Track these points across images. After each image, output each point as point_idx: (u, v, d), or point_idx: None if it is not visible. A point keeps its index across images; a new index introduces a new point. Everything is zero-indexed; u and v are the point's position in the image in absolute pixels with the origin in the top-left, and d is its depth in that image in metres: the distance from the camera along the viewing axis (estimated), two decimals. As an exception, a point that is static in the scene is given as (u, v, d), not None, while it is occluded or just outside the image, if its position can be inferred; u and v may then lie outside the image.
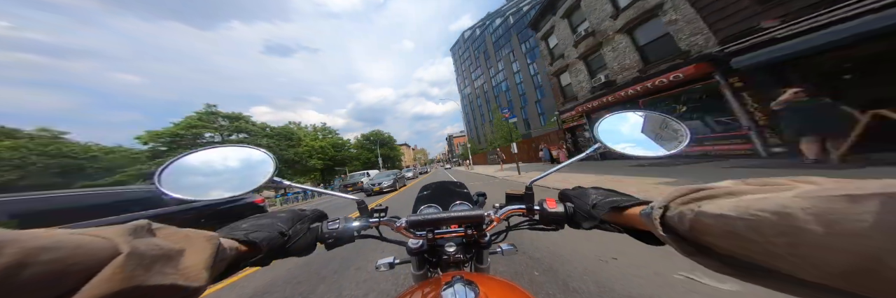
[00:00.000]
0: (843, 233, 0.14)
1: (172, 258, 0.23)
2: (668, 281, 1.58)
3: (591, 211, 0.43)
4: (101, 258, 0.18)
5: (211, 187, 0.49)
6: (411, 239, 0.62)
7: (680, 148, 0.53)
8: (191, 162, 0.50)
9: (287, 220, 0.45)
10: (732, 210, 0.20)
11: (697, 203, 0.23)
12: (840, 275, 0.15)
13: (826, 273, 0.15)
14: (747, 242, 0.19)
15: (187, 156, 0.50)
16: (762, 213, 0.18)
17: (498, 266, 2.01)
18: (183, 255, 0.24)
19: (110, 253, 0.19)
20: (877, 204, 0.14)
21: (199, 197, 0.47)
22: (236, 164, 0.53)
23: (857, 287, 0.14)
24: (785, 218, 0.17)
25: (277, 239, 0.40)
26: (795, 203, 0.17)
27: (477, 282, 0.43)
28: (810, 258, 0.16)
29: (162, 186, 0.44)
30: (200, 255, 0.26)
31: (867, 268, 0.13)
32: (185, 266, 0.24)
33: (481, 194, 0.86)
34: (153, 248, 0.22)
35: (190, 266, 0.24)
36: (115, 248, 0.19)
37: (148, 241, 0.22)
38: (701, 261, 0.24)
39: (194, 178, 0.49)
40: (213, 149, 0.53)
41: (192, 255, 0.25)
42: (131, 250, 0.20)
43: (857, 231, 0.14)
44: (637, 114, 0.60)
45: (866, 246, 0.13)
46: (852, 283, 0.14)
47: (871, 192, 0.14)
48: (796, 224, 0.16)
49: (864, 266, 0.13)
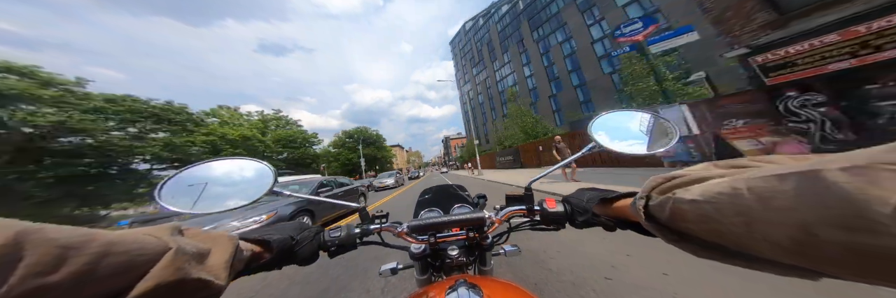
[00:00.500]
0: (778, 208, 0.16)
1: (204, 256, 0.26)
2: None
3: (585, 206, 0.45)
4: (156, 252, 0.22)
5: (212, 200, 0.48)
6: (414, 244, 0.61)
7: (670, 145, 0.54)
8: (192, 176, 0.50)
9: (294, 228, 0.46)
10: (701, 195, 0.21)
11: (673, 191, 0.24)
12: (787, 249, 0.16)
13: (777, 247, 0.16)
14: (715, 224, 0.20)
15: (188, 170, 0.50)
16: (721, 196, 0.19)
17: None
18: (210, 254, 0.27)
19: (162, 249, 0.22)
20: (796, 180, 0.15)
21: (202, 210, 0.47)
22: (236, 176, 0.53)
23: (804, 260, 0.16)
24: (737, 199, 0.18)
25: (287, 242, 0.42)
26: (742, 184, 0.18)
27: (480, 285, 0.43)
28: (761, 234, 0.17)
29: (162, 200, 0.45)
30: (223, 255, 0.28)
31: (803, 240, 0.15)
32: (212, 265, 0.26)
33: (482, 196, 0.83)
34: (190, 246, 0.25)
35: (214, 265, 0.26)
36: (165, 245, 0.23)
37: (184, 241, 0.25)
38: (683, 247, 0.25)
39: (195, 191, 0.48)
40: (213, 162, 0.53)
41: (216, 254, 0.28)
42: (178, 246, 0.23)
43: (788, 205, 0.15)
44: (629, 112, 0.60)
45: (797, 218, 0.15)
46: (799, 255, 0.16)
47: (793, 171, 0.16)
48: (745, 203, 0.17)
49: (800, 237, 0.15)
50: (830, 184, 0.14)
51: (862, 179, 0.13)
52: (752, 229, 0.17)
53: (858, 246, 0.13)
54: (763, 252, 0.18)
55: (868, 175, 0.13)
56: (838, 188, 0.13)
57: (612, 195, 0.40)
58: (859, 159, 0.14)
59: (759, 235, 0.17)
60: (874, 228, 0.12)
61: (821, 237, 0.14)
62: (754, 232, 0.17)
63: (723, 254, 0.23)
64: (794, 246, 0.15)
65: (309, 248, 0.45)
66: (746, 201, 0.17)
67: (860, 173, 0.13)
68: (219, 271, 0.26)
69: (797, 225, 0.15)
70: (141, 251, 0.21)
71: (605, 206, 0.41)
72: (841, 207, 0.13)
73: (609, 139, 0.55)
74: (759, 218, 0.17)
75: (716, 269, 1.53)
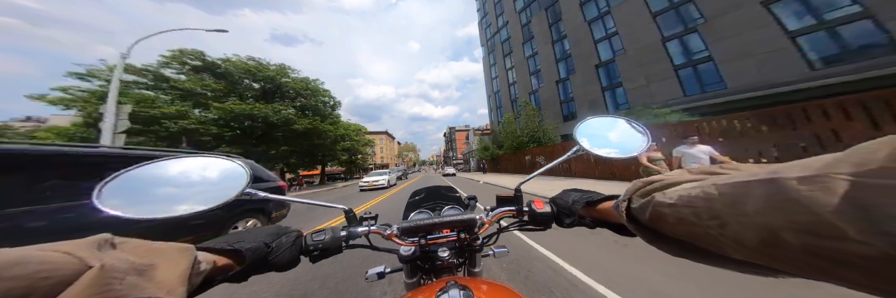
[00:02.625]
0: (746, 213, 0.17)
1: (144, 272, 0.22)
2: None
3: (571, 208, 0.46)
4: (69, 273, 0.18)
5: (172, 201, 0.42)
6: (403, 247, 0.60)
7: (642, 149, 0.56)
8: (145, 175, 0.44)
9: (271, 234, 0.43)
10: (678, 199, 0.22)
11: (651, 194, 0.26)
12: (754, 249, 0.17)
13: (747, 249, 0.18)
14: (692, 226, 0.21)
15: (138, 169, 0.44)
16: (697, 200, 0.21)
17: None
18: (155, 269, 0.23)
19: (78, 268, 0.19)
20: (760, 187, 0.17)
21: (150, 214, 0.40)
22: (201, 176, 0.48)
23: (768, 260, 0.17)
24: (711, 203, 0.19)
25: (262, 250, 0.39)
26: (714, 189, 0.20)
27: (471, 287, 0.43)
28: (731, 236, 0.18)
29: (100, 202, 0.38)
30: (174, 269, 0.25)
31: (768, 242, 0.16)
32: (160, 281, 0.23)
33: (472, 197, 0.82)
34: (123, 262, 0.21)
35: (164, 281, 0.23)
36: (83, 262, 0.19)
37: (115, 255, 0.22)
38: (662, 247, 0.26)
39: (148, 193, 0.43)
40: (172, 160, 0.47)
41: (165, 269, 0.24)
42: (102, 264, 0.20)
43: (755, 211, 0.16)
44: (609, 118, 0.63)
45: (763, 222, 0.16)
46: (764, 255, 0.17)
47: (757, 178, 0.17)
48: (718, 207, 0.19)
49: (766, 240, 0.16)
50: (790, 191, 0.15)
51: (817, 187, 0.14)
52: (725, 231, 0.18)
53: (816, 248, 0.14)
54: (732, 253, 0.19)
55: (823, 183, 0.14)
56: (798, 195, 0.14)
57: (598, 197, 0.44)
58: (813, 169, 0.15)
59: (730, 237, 0.18)
60: (831, 233, 0.13)
61: (784, 239, 0.15)
62: (726, 234, 0.18)
63: (695, 254, 0.24)
64: (760, 247, 0.17)
65: (288, 254, 0.42)
66: (719, 205, 0.19)
67: (816, 181, 0.14)
68: (172, 286, 0.23)
69: (764, 229, 0.16)
70: (48, 272, 0.18)
71: (589, 208, 0.44)
72: (801, 213, 0.14)
73: (591, 144, 0.58)
74: (731, 221, 0.18)
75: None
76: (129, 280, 0.21)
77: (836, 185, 0.13)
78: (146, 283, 0.21)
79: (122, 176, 0.42)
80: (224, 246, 0.36)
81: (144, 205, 0.41)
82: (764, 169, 0.18)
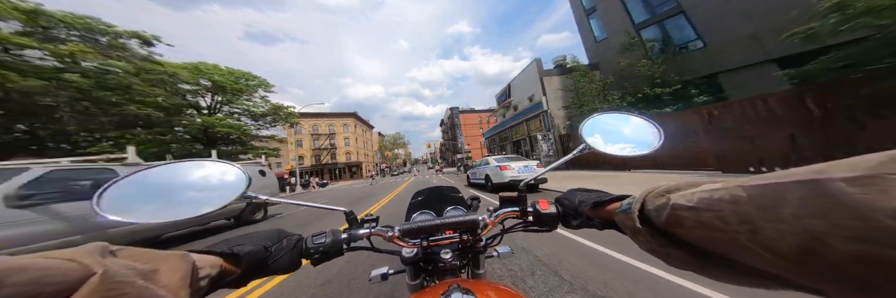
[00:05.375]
0: (783, 219, 0.16)
1: (148, 276, 0.23)
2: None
3: (578, 208, 0.45)
4: (74, 278, 0.18)
5: (168, 207, 0.42)
6: (405, 248, 0.60)
7: (655, 147, 0.54)
8: (143, 180, 0.44)
9: (271, 237, 0.43)
10: (699, 202, 0.21)
11: (667, 195, 0.25)
12: (791, 258, 0.16)
13: (781, 258, 0.16)
14: (715, 232, 0.20)
15: (140, 173, 0.45)
16: (722, 203, 0.19)
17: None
18: (158, 273, 0.24)
19: (82, 274, 0.19)
20: (799, 188, 0.15)
21: (151, 219, 0.40)
22: (200, 180, 0.48)
23: (807, 270, 0.15)
24: (739, 206, 0.18)
25: (260, 253, 0.39)
26: (741, 191, 0.18)
27: (474, 290, 0.43)
28: (765, 243, 0.17)
29: (101, 208, 0.38)
30: (176, 274, 0.25)
31: (811, 249, 0.14)
32: (165, 284, 0.23)
33: (475, 198, 0.84)
34: (125, 267, 0.21)
35: (169, 284, 0.23)
36: (87, 268, 0.19)
37: (116, 261, 0.22)
38: (671, 252, 0.25)
39: (150, 197, 0.43)
40: (171, 165, 0.48)
41: (167, 273, 0.24)
42: (105, 269, 0.20)
43: (794, 214, 0.15)
44: (617, 115, 0.61)
45: (806, 227, 0.14)
46: (803, 266, 0.15)
47: (794, 179, 0.16)
48: (747, 211, 0.17)
49: (809, 247, 0.15)
50: (838, 194, 0.14)
51: (871, 189, 0.13)
52: (756, 237, 0.17)
53: (870, 257, 0.12)
54: (760, 262, 0.18)
55: (877, 185, 0.13)
56: (848, 198, 0.13)
57: (606, 198, 0.42)
58: (863, 168, 0.13)
59: (763, 244, 0.17)
60: (889, 241, 0.12)
61: (831, 247, 0.14)
62: (757, 240, 0.17)
63: (705, 265, 0.23)
64: (800, 256, 0.15)
65: (288, 257, 0.42)
66: (748, 209, 0.17)
67: (868, 183, 0.13)
68: (175, 289, 0.23)
69: (807, 235, 0.14)
70: (51, 278, 0.17)
71: (598, 209, 0.42)
72: (851, 218, 0.13)
73: (601, 141, 0.57)
74: (765, 226, 0.16)
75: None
76: (135, 283, 0.21)
77: (892, 187, 0.12)
78: (151, 286, 0.22)
79: (120, 182, 0.42)
80: (224, 249, 0.36)
81: (144, 210, 0.41)
82: (803, 169, 0.17)
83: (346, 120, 42.93)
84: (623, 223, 0.31)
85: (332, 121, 41.67)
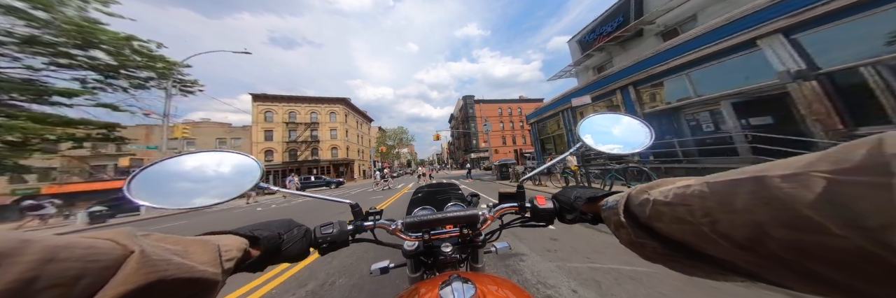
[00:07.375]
0: (736, 210, 0.18)
1: (183, 255, 0.24)
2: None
3: (573, 204, 0.47)
4: (116, 256, 0.20)
5: (191, 194, 0.45)
6: (407, 241, 0.62)
7: (646, 145, 0.57)
8: (166, 169, 0.46)
9: (283, 225, 0.44)
10: (675, 197, 0.23)
11: (649, 191, 0.27)
12: (741, 246, 0.18)
13: (734, 245, 0.18)
14: (685, 224, 0.22)
15: (163, 162, 0.47)
16: (691, 199, 0.21)
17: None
18: (190, 253, 0.25)
19: (122, 252, 0.20)
20: (747, 184, 0.17)
21: (178, 205, 0.44)
22: (218, 170, 0.50)
23: (754, 256, 0.17)
24: (703, 201, 0.20)
25: (276, 240, 0.40)
26: (706, 187, 0.21)
27: (474, 280, 0.44)
28: (722, 232, 0.19)
29: (131, 194, 0.41)
30: (207, 254, 0.27)
31: (755, 237, 0.16)
32: (197, 260, 0.25)
33: (475, 194, 0.89)
34: (158, 247, 0.23)
35: (200, 261, 0.25)
36: (126, 248, 0.21)
37: (149, 242, 0.23)
38: (647, 243, 0.27)
39: (172, 185, 0.45)
40: (191, 155, 0.50)
41: (198, 254, 0.26)
42: (143, 248, 0.21)
43: (743, 208, 0.17)
44: (611, 115, 0.64)
45: (752, 218, 0.17)
46: (751, 252, 0.17)
47: (744, 177, 0.18)
48: (710, 205, 0.20)
49: (753, 236, 0.17)
50: (773, 189, 0.16)
51: (797, 184, 0.15)
52: (714, 228, 0.19)
53: (798, 243, 0.14)
54: (718, 250, 0.20)
55: (802, 181, 0.15)
56: (780, 192, 0.15)
57: (600, 194, 0.45)
58: (795, 167, 0.16)
59: (720, 233, 0.19)
60: (812, 228, 0.14)
61: (769, 234, 0.16)
62: (715, 230, 0.19)
63: (677, 258, 0.25)
64: (746, 243, 0.17)
65: (298, 246, 0.44)
66: (711, 203, 0.20)
67: (795, 179, 0.15)
68: (208, 266, 0.25)
69: (752, 225, 0.17)
70: (95, 256, 0.19)
71: (591, 204, 0.45)
72: (783, 209, 0.15)
73: (594, 140, 0.59)
74: (721, 218, 0.18)
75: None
76: (172, 260, 0.22)
77: (814, 183, 0.14)
78: (187, 262, 0.23)
79: (147, 170, 0.44)
80: (247, 232, 0.38)
81: (168, 197, 0.44)
82: (755, 167, 0.19)
83: (333, 107, 32.08)
84: (608, 218, 0.33)
85: (314, 108, 31.00)
